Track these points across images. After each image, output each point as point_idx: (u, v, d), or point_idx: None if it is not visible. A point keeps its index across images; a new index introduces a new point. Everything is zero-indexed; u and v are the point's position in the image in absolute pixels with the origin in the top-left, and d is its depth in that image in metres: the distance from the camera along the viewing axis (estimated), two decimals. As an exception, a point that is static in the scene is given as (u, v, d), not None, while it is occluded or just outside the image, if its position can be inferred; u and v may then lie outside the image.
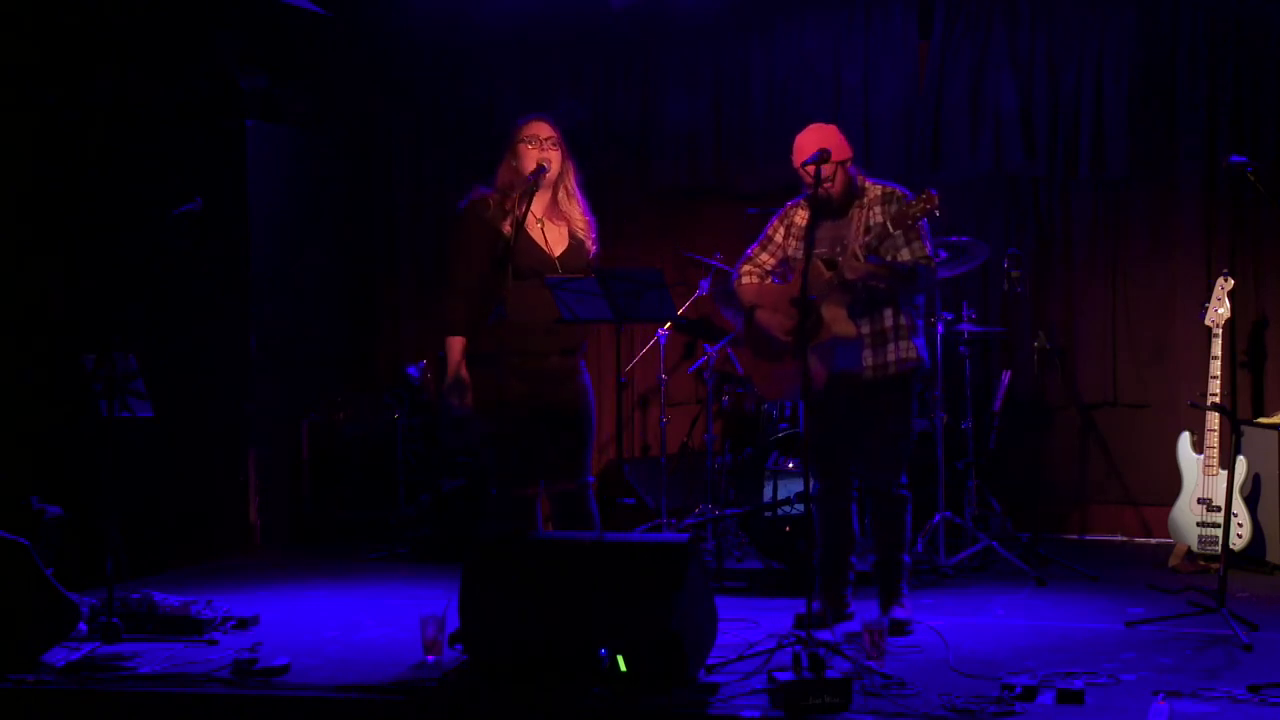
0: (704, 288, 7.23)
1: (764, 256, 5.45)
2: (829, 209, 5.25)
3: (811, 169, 5.06)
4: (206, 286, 7.47)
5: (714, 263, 7.01)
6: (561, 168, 5.31)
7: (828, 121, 5.38)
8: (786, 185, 5.51)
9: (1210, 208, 7.40)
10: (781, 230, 5.43)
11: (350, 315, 8.64)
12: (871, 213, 5.23)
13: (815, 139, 5.21)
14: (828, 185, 5.17)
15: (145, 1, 7.21)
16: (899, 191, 5.27)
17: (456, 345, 5.24)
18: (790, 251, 5.38)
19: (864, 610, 5.41)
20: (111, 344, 5.55)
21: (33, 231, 6.75)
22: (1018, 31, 7.60)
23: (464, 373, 5.21)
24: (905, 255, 5.18)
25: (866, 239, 5.07)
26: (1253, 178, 5.45)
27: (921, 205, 4.97)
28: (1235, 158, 5.48)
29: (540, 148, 5.23)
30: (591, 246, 5.37)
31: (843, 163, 5.24)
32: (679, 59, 8.13)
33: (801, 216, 5.37)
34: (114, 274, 6.95)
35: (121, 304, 6.82)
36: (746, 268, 5.46)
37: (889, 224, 5.03)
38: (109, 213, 6.98)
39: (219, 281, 7.55)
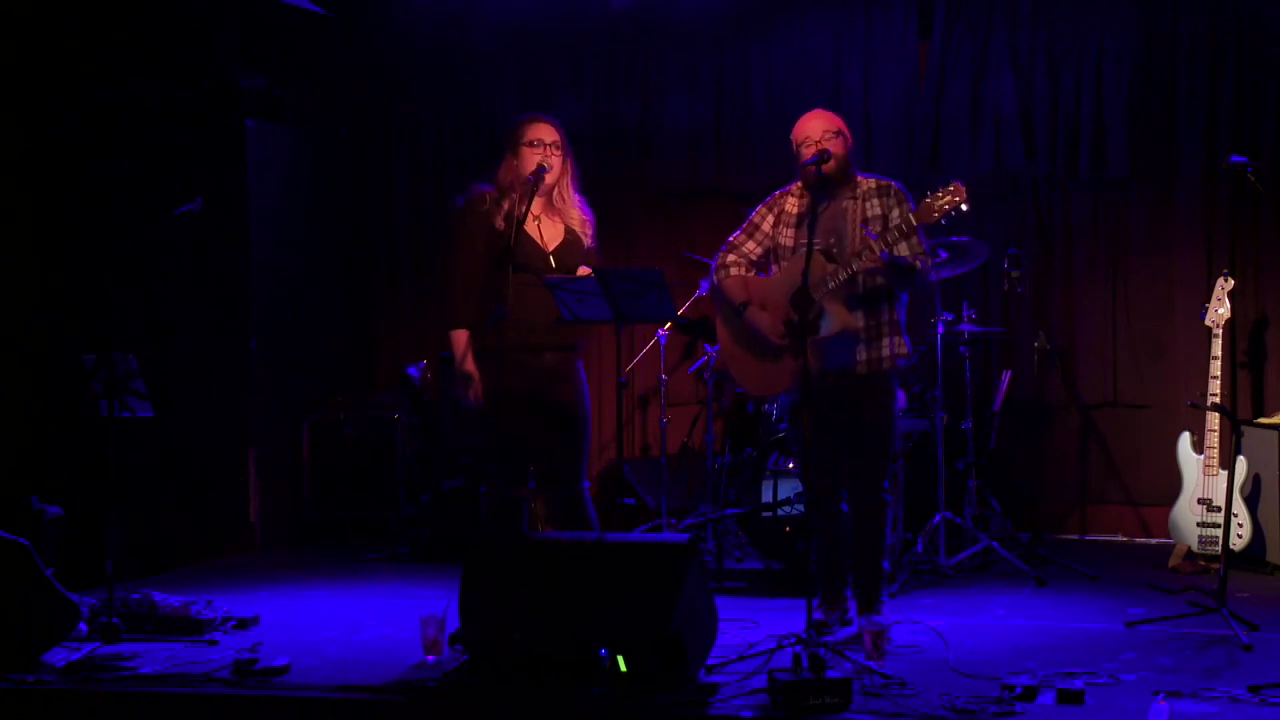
0: (704, 288, 7.23)
1: (750, 245, 5.33)
2: (828, 184, 5.15)
3: (808, 152, 5.08)
4: (206, 286, 7.47)
5: (714, 263, 7.00)
6: (562, 169, 5.34)
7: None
8: (786, 185, 5.49)
9: (1210, 208, 7.40)
10: (770, 218, 5.31)
11: (350, 315, 8.65)
12: (869, 204, 5.14)
13: (820, 122, 5.19)
14: (834, 161, 5.10)
15: (145, 1, 7.20)
16: (894, 185, 5.18)
17: (462, 338, 5.27)
18: (781, 240, 5.25)
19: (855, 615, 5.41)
20: (111, 344, 5.55)
21: (33, 231, 6.74)
22: (1018, 31, 7.60)
23: (471, 365, 5.24)
24: (904, 250, 5.03)
25: (871, 231, 5.00)
26: (1253, 178, 5.45)
27: (949, 197, 4.86)
28: (1235, 158, 5.48)
29: (544, 151, 5.25)
30: (589, 241, 5.39)
31: (843, 132, 5.19)
32: (679, 59, 8.13)
33: (792, 204, 5.27)
34: (114, 274, 6.95)
35: (122, 304, 6.82)
36: (732, 257, 5.34)
37: (911, 216, 4.95)
38: (109, 212, 6.98)
39: (219, 281, 7.55)
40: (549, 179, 5.27)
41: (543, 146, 5.27)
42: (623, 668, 4.40)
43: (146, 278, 7.09)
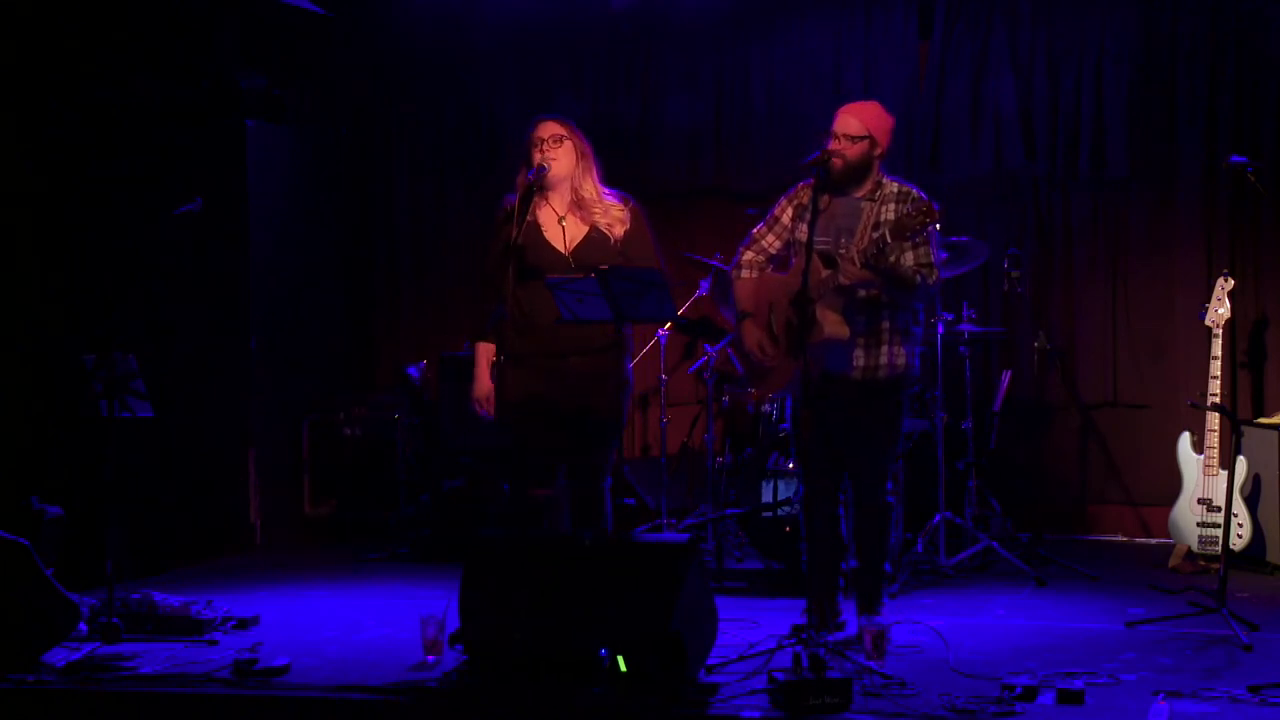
0: (704, 288, 7.23)
1: (770, 238, 5.26)
2: (834, 183, 5.09)
3: (834, 143, 5.02)
4: (206, 286, 7.47)
5: (714, 263, 7.01)
6: (575, 162, 5.29)
7: (828, 122, 5.27)
8: (786, 185, 5.47)
9: (1210, 208, 7.40)
10: (790, 211, 5.22)
11: (350, 315, 8.64)
12: (885, 209, 5.04)
13: (849, 119, 5.13)
14: (839, 161, 5.05)
15: (145, 1, 7.20)
16: (915, 193, 5.07)
17: (483, 351, 5.27)
18: (798, 234, 5.14)
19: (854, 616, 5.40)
20: (111, 344, 5.54)
21: (33, 231, 6.74)
22: (1018, 31, 7.60)
23: (486, 378, 5.25)
24: (909, 259, 4.99)
25: (875, 236, 4.94)
26: (1253, 178, 5.45)
27: (921, 218, 4.79)
28: (1235, 158, 5.48)
29: (543, 149, 5.24)
30: (620, 230, 5.28)
31: (872, 138, 5.10)
32: (679, 59, 8.13)
33: (809, 196, 5.09)
34: (114, 274, 6.95)
35: (122, 304, 6.81)
36: (748, 255, 5.28)
37: (887, 233, 4.88)
38: (109, 213, 6.98)
39: (219, 281, 7.55)
40: (558, 174, 5.25)
41: (541, 144, 5.25)
42: (623, 668, 4.40)
43: (146, 278, 7.08)
